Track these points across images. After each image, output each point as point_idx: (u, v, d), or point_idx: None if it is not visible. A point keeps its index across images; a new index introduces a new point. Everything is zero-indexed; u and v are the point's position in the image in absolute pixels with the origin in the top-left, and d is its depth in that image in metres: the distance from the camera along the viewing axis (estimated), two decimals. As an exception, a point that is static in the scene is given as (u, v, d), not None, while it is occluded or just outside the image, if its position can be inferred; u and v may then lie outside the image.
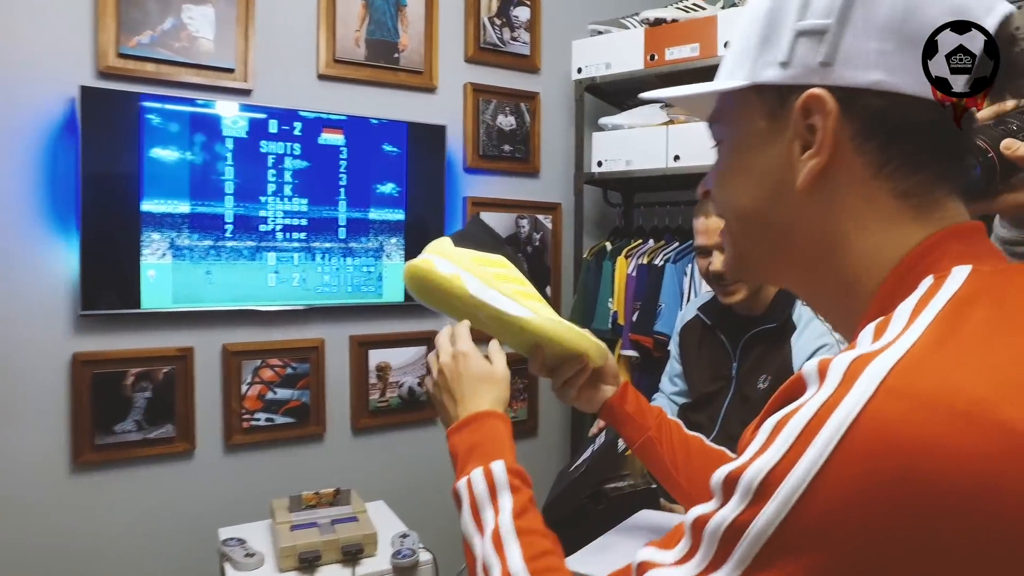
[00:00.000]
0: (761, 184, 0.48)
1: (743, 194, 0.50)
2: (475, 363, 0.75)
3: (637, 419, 0.89)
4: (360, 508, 1.61)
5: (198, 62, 1.93)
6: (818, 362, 0.37)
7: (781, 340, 1.42)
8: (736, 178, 0.50)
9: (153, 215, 1.88)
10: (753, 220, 0.50)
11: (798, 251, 0.48)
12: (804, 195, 0.45)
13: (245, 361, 2.08)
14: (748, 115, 0.48)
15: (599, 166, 2.32)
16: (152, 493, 1.97)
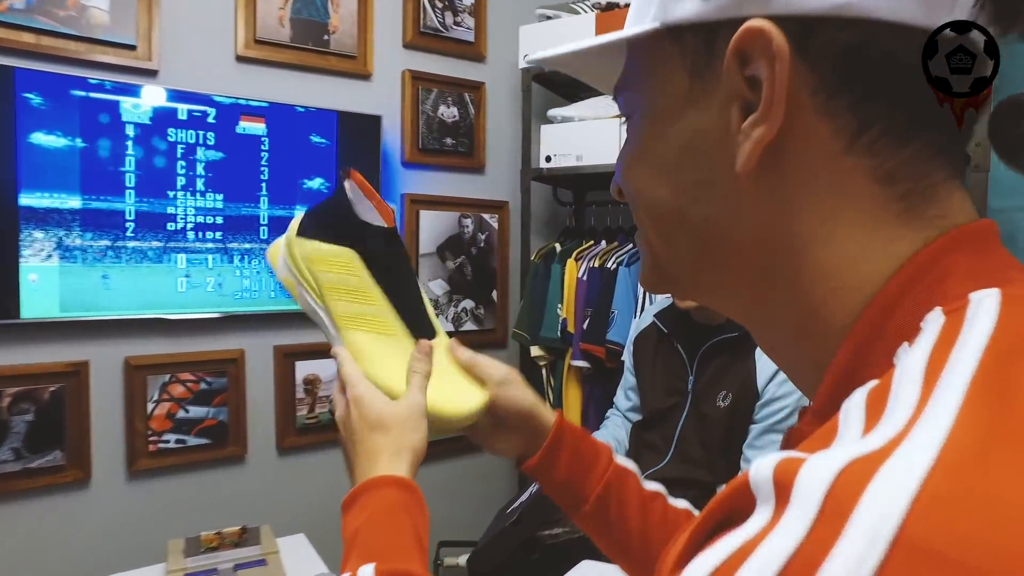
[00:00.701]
0: (684, 168, 0.34)
1: (660, 184, 0.35)
2: (368, 407, 0.57)
3: (573, 487, 0.65)
4: (271, 548, 1.40)
5: (90, 35, 1.68)
6: (775, 465, 0.22)
7: (743, 353, 1.28)
8: (650, 162, 0.36)
9: (35, 210, 1.63)
10: (674, 219, 0.36)
11: (736, 262, 0.34)
12: (746, 181, 0.31)
13: (151, 376, 1.85)
14: (663, 73, 0.34)
15: (548, 161, 2.17)
16: (35, 532, 1.71)
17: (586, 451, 0.67)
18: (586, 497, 0.65)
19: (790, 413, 1.21)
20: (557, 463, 0.65)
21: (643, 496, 0.67)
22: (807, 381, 0.34)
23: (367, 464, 0.55)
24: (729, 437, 1.27)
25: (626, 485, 0.67)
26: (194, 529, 1.86)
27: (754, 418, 1.24)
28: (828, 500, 0.19)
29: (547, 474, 0.66)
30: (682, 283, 0.39)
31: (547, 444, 0.65)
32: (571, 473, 0.66)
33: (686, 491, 1.34)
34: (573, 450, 0.66)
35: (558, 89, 2.39)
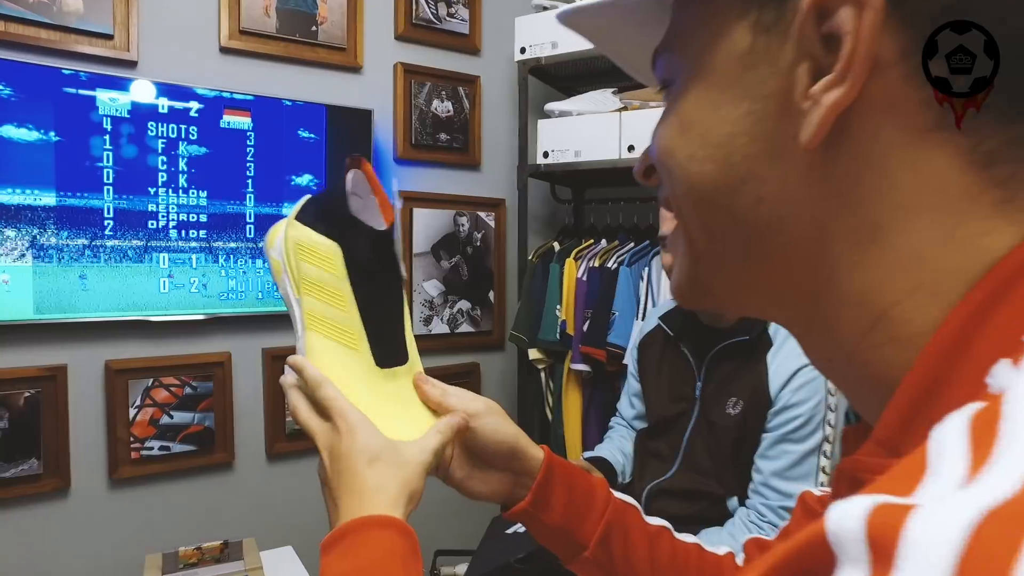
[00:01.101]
0: (737, 140, 0.29)
1: (705, 158, 0.30)
2: (367, 437, 0.48)
3: (570, 532, 0.57)
4: (254, 564, 1.33)
5: (63, 23, 1.60)
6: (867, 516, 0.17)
7: (754, 357, 1.21)
8: (695, 133, 0.31)
9: (5, 207, 1.56)
10: (720, 201, 0.30)
11: (791, 253, 0.29)
12: (810, 156, 0.27)
13: (133, 380, 1.77)
14: (718, 29, 0.30)
15: (545, 157, 2.09)
16: (15, 543, 1.64)
17: (581, 488, 0.58)
18: (585, 542, 0.57)
19: (805, 421, 1.13)
20: (550, 505, 0.56)
21: (648, 533, 0.59)
22: (869, 401, 0.29)
23: (358, 501, 0.46)
24: (739, 446, 1.20)
25: (629, 523, 0.59)
26: (179, 540, 1.78)
27: (766, 426, 1.17)
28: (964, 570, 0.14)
29: (539, 519, 0.57)
30: (722, 290, 0.33)
31: (537, 483, 0.56)
32: (567, 516, 0.57)
33: (694, 502, 1.27)
34: (566, 489, 0.57)
35: (555, 83, 2.31)
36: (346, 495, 0.47)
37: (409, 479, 0.48)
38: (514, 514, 0.58)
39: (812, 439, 1.13)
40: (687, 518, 1.24)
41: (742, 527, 1.17)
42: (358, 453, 0.48)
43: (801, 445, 1.13)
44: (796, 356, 1.17)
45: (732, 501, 1.24)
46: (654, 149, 0.34)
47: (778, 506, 1.14)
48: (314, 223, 0.56)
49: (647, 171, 0.36)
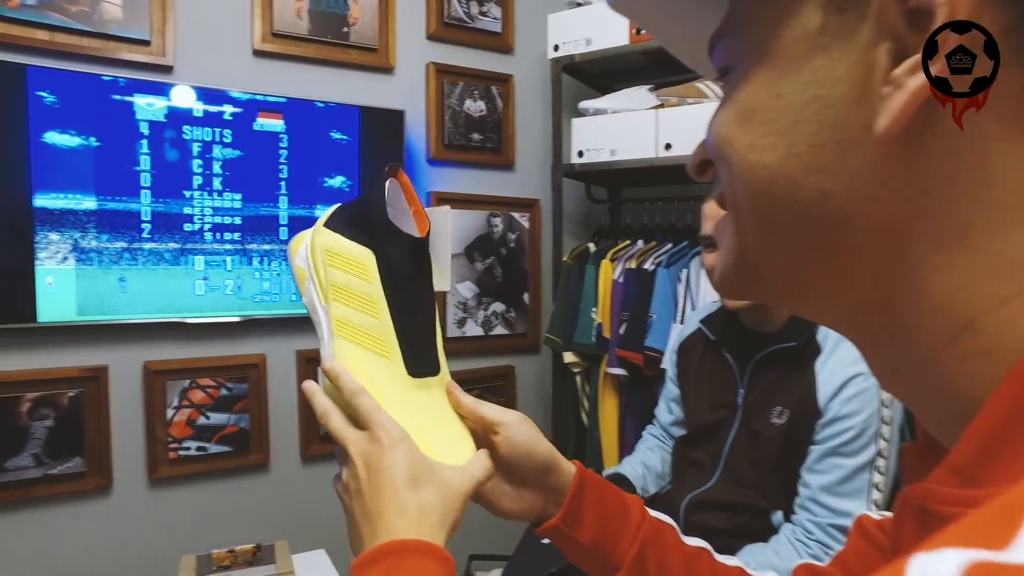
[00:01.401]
0: (803, 128, 0.27)
1: (767, 148, 0.28)
2: (417, 460, 0.46)
3: (603, 551, 0.54)
4: (287, 568, 1.32)
5: (103, 31, 1.63)
6: None
7: (802, 364, 1.14)
8: (757, 121, 0.29)
9: (50, 212, 1.59)
10: (781, 194, 0.28)
11: (859, 253, 0.27)
12: (887, 146, 0.25)
13: (171, 381, 1.79)
14: (786, 10, 0.28)
15: (580, 156, 2.05)
16: (59, 539, 1.67)
17: (614, 505, 0.55)
18: (619, 563, 0.54)
19: (857, 434, 1.06)
20: (581, 522, 0.54)
21: (686, 554, 0.56)
22: (943, 420, 0.27)
23: (401, 523, 0.43)
24: (785, 458, 1.14)
25: (665, 543, 0.55)
26: (214, 540, 1.80)
27: (814, 438, 1.10)
28: None
29: (570, 537, 0.54)
30: (775, 282, 0.31)
31: (569, 498, 0.54)
32: (599, 534, 0.54)
33: (735, 515, 1.21)
34: (599, 505, 0.54)
35: (590, 80, 2.27)
36: (386, 512, 0.44)
37: (452, 506, 0.45)
38: (545, 530, 0.55)
39: (864, 453, 1.06)
40: (728, 531, 1.19)
41: (787, 544, 1.10)
42: (401, 470, 0.45)
43: (852, 459, 1.06)
44: (847, 364, 1.10)
45: (776, 515, 1.18)
46: (710, 140, 0.31)
47: (827, 523, 1.08)
48: (345, 230, 0.55)
49: (701, 166, 0.34)
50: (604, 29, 1.99)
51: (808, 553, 1.08)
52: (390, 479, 0.45)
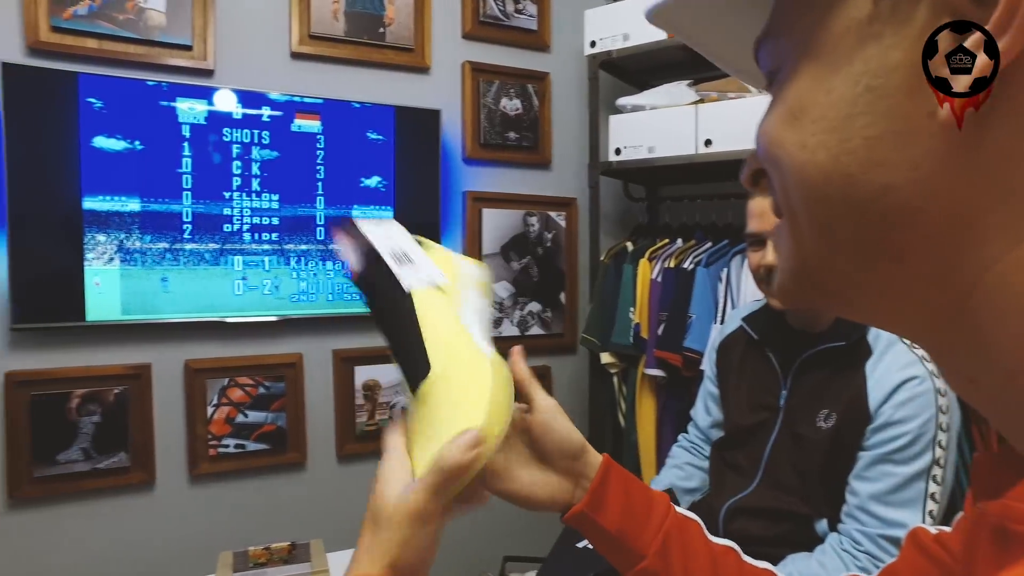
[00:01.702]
0: (857, 121, 0.25)
1: (819, 146, 0.27)
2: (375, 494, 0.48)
3: (627, 539, 0.55)
4: (321, 566, 1.32)
5: (148, 37, 1.67)
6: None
7: (851, 366, 1.09)
8: (808, 119, 0.27)
9: (98, 214, 1.64)
10: (837, 193, 0.26)
11: (926, 251, 0.25)
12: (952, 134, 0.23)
13: (210, 379, 1.82)
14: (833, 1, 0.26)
15: (617, 154, 2.01)
16: (104, 532, 1.72)
17: (639, 495, 0.56)
18: (642, 551, 0.54)
19: (911, 441, 1.00)
20: (606, 508, 0.55)
21: (712, 551, 0.56)
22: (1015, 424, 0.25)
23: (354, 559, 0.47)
24: (831, 464, 1.08)
25: (690, 538, 0.56)
26: (252, 536, 1.83)
27: (863, 444, 1.04)
28: None
29: (595, 523, 0.55)
30: (837, 289, 0.30)
31: (594, 483, 0.55)
32: (624, 521, 0.55)
33: (777, 523, 1.16)
34: (624, 494, 0.55)
35: (627, 77, 2.22)
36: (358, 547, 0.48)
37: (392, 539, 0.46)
38: (572, 517, 0.56)
39: (919, 461, 1.00)
40: (770, 540, 1.14)
41: (833, 555, 1.05)
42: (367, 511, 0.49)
43: (906, 467, 1.00)
44: (901, 367, 1.03)
45: (821, 524, 1.12)
46: (760, 145, 0.30)
47: (877, 534, 1.02)
48: None
49: (755, 176, 0.33)
50: (642, 24, 1.94)
51: (856, 565, 1.02)
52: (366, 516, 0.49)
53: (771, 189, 0.32)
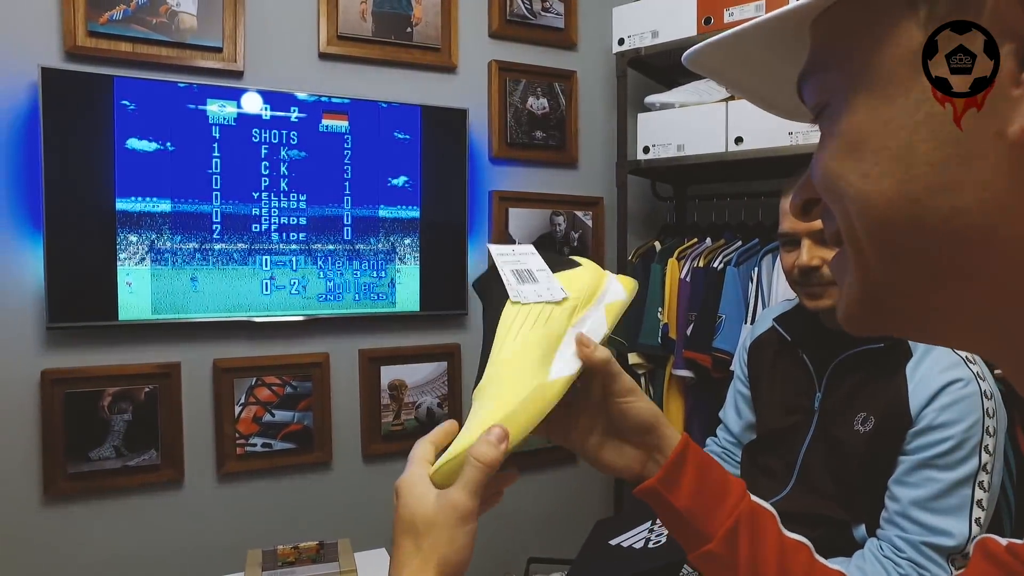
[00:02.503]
0: (920, 147, 0.26)
1: (882, 175, 0.27)
2: (407, 502, 0.49)
3: (697, 519, 0.55)
4: (349, 566, 1.32)
5: (180, 40, 1.69)
6: None
7: (890, 368, 1.05)
8: (868, 151, 0.28)
9: (130, 215, 1.66)
10: (904, 221, 0.27)
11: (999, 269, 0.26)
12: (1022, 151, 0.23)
13: (238, 379, 1.84)
14: (882, 35, 0.27)
15: (646, 153, 1.98)
16: (134, 528, 1.74)
17: (714, 478, 0.57)
18: (711, 533, 0.55)
19: (955, 445, 0.96)
20: (679, 487, 0.56)
21: (783, 544, 0.56)
22: None
23: (395, 570, 0.48)
24: (869, 468, 1.05)
25: (762, 526, 0.56)
26: (279, 535, 1.84)
27: (904, 448, 1.01)
28: None
29: (665, 500, 0.56)
30: (908, 313, 0.30)
31: (670, 461, 0.56)
32: (695, 502, 0.56)
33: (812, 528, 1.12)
34: (699, 475, 0.56)
35: (656, 74, 2.20)
36: (392, 560, 0.49)
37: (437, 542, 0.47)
38: (643, 490, 0.57)
39: (964, 467, 0.96)
40: (806, 547, 1.10)
41: (874, 561, 1.01)
42: (400, 518, 0.49)
43: (950, 473, 0.97)
44: (944, 369, 1.00)
45: (859, 530, 1.09)
46: (818, 177, 0.31)
47: (919, 541, 0.98)
48: None
49: (807, 205, 0.34)
50: (671, 20, 1.92)
51: (898, 572, 0.98)
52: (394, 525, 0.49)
53: (826, 220, 0.33)
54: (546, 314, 0.57)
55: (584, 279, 0.61)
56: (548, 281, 0.60)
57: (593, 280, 0.62)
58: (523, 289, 0.59)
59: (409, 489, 0.49)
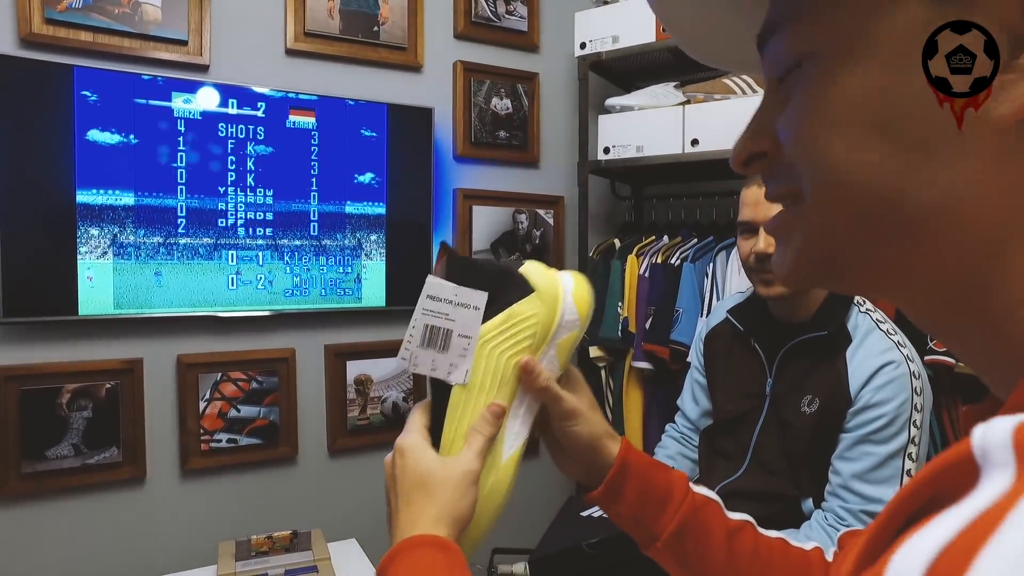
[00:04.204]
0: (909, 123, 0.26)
1: (869, 146, 0.27)
2: (414, 461, 0.52)
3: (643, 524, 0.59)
4: (322, 554, 1.35)
5: (143, 32, 1.68)
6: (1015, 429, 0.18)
7: (832, 354, 1.14)
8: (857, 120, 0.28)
9: (91, 208, 1.63)
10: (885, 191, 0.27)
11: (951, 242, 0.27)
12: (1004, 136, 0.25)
13: (203, 374, 1.83)
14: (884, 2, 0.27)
15: (606, 153, 2.06)
16: (92, 528, 1.71)
17: (656, 486, 0.60)
18: (658, 535, 0.59)
19: (889, 422, 1.06)
20: (622, 499, 0.60)
21: (728, 528, 0.60)
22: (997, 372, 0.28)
23: (407, 524, 0.50)
24: (815, 446, 1.14)
25: (707, 518, 0.59)
26: (246, 530, 1.83)
27: (845, 426, 1.11)
28: None
29: (611, 508, 0.60)
30: (856, 271, 0.31)
31: (608, 480, 0.59)
32: (639, 510, 0.59)
33: (766, 504, 1.21)
34: (640, 485, 0.59)
35: (616, 78, 2.28)
36: (398, 517, 0.51)
37: (449, 498, 0.51)
38: (590, 499, 0.61)
39: (896, 440, 1.06)
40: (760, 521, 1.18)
41: (819, 530, 1.10)
42: (407, 476, 0.52)
43: (884, 447, 1.06)
44: (879, 353, 1.10)
45: (807, 503, 1.18)
46: (791, 140, 0.31)
47: (859, 510, 1.08)
48: None
49: (750, 159, 0.34)
50: (631, 26, 2.00)
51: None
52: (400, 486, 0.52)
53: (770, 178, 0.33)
54: (499, 377, 0.54)
55: (538, 316, 0.56)
56: (460, 355, 0.54)
57: (548, 314, 0.56)
58: (420, 355, 0.54)
59: (419, 451, 0.52)
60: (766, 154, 0.33)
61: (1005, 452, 0.18)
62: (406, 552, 0.49)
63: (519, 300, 0.55)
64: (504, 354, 0.55)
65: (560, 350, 0.58)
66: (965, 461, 0.19)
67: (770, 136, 0.32)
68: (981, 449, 0.19)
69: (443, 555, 0.48)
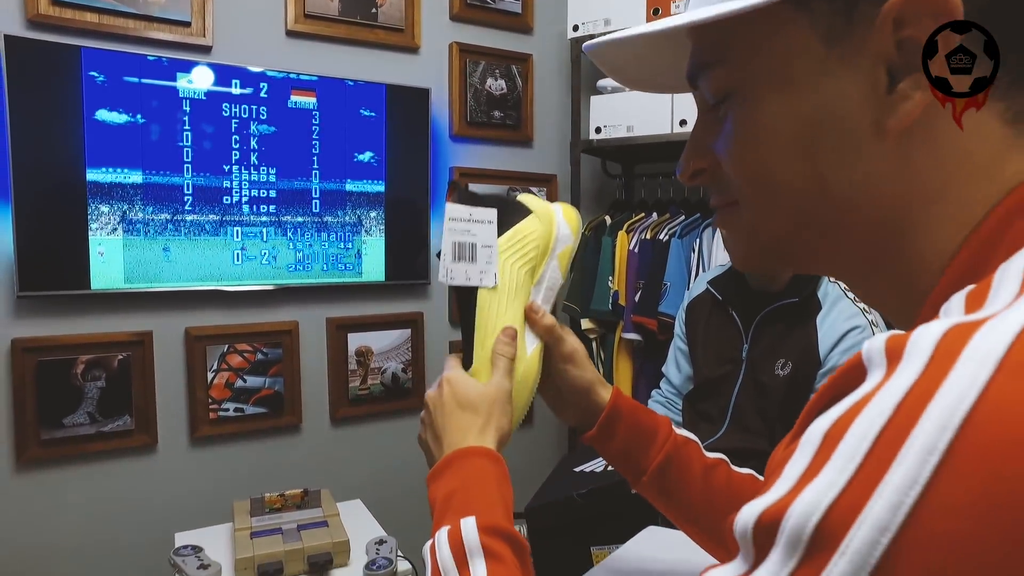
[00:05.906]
0: (824, 137, 0.34)
1: (794, 159, 0.35)
2: (459, 387, 0.61)
3: (631, 460, 0.68)
4: (332, 511, 1.43)
5: (148, 13, 1.72)
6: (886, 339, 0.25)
7: (803, 320, 1.24)
8: (778, 141, 0.35)
9: (101, 185, 1.69)
10: (813, 193, 0.35)
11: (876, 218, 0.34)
12: (895, 146, 0.32)
13: (210, 346, 1.90)
14: (786, 43, 0.34)
15: (597, 133, 2.13)
16: (108, 492, 1.80)
17: (644, 426, 0.69)
18: (644, 469, 0.68)
19: (856, 380, 1.16)
20: (613, 438, 0.68)
21: (705, 464, 0.69)
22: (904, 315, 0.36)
23: (458, 437, 0.58)
24: (788, 406, 1.24)
25: (686, 456, 0.68)
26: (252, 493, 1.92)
27: (815, 387, 1.20)
28: (938, 348, 0.22)
29: (604, 447, 0.69)
30: (796, 256, 0.39)
31: (601, 420, 0.68)
32: (628, 447, 0.68)
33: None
34: (630, 425, 0.68)
35: (607, 58, 2.33)
36: (447, 433, 0.59)
37: (492, 412, 0.60)
38: (584, 439, 0.70)
39: (862, 398, 1.16)
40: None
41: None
42: (454, 400, 0.60)
43: (851, 405, 1.16)
44: (846, 319, 1.19)
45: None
46: (731, 155, 0.37)
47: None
48: None
49: (695, 174, 0.41)
50: (622, 9, 2.06)
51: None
52: (440, 411, 0.60)
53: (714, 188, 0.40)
54: (515, 284, 0.64)
55: (538, 231, 0.66)
56: (487, 262, 0.63)
57: (546, 230, 0.67)
58: (455, 269, 0.62)
59: (461, 380, 0.61)
60: (706, 169, 0.40)
61: (879, 357, 0.24)
62: (460, 460, 0.56)
63: (521, 220, 0.66)
64: (516, 263, 0.65)
65: (560, 260, 0.67)
66: (857, 365, 0.26)
67: (710, 154, 0.40)
68: (867, 356, 0.25)
69: (494, 467, 0.56)
